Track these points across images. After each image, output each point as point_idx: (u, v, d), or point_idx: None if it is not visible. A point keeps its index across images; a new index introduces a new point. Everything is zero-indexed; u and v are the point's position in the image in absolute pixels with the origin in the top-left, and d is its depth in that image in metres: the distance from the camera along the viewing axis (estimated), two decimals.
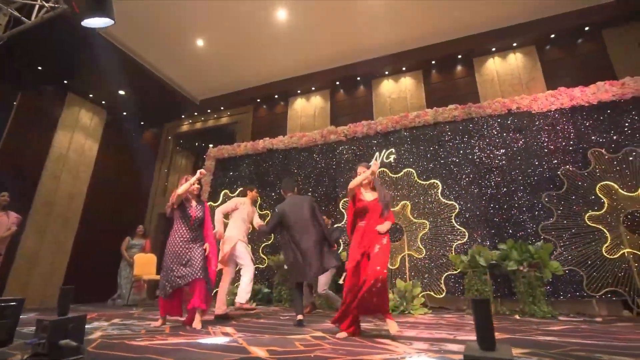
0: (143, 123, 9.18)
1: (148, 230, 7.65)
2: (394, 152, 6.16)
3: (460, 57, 6.86)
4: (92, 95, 7.99)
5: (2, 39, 3.06)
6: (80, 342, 1.81)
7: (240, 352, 2.03)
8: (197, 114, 9.21)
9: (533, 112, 5.48)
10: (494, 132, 5.64)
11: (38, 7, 2.92)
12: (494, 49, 6.64)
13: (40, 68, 6.97)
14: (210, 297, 3.31)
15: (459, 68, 6.98)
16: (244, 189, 4.20)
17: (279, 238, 3.82)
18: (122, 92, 8.02)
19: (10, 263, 6.03)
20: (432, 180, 5.63)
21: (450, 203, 5.40)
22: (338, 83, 7.79)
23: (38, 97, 7.11)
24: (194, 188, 3.40)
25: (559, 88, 5.45)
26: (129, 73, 7.49)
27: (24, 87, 6.87)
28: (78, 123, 7.82)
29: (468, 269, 4.74)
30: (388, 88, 7.35)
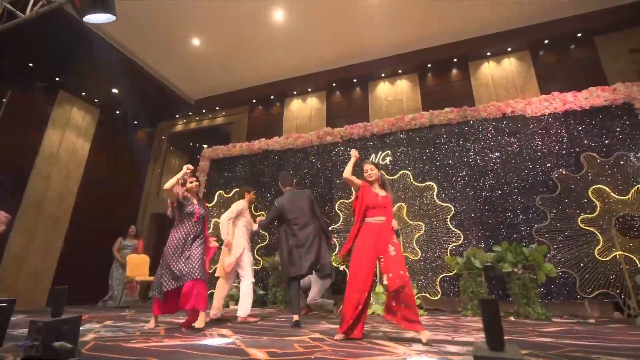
0: (136, 122, 9.05)
1: (140, 231, 7.53)
2: (390, 154, 6.18)
3: (456, 60, 6.93)
4: (84, 94, 7.85)
5: None
6: (75, 344, 1.76)
7: (240, 354, 2.00)
8: (191, 114, 9.12)
9: (527, 116, 5.56)
10: (489, 135, 5.71)
11: (33, 0, 2.85)
12: (489, 53, 6.72)
13: (32, 65, 6.83)
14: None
15: (455, 71, 7.04)
16: (242, 191, 4.08)
17: (276, 234, 3.77)
18: (115, 90, 7.91)
19: None
20: (427, 183, 5.66)
21: (446, 205, 5.44)
22: (334, 85, 7.80)
23: (29, 94, 6.96)
24: (193, 185, 3.36)
25: (553, 93, 5.54)
26: (123, 71, 7.38)
27: (14, 84, 6.72)
28: (70, 121, 7.66)
29: (463, 271, 4.77)
30: (384, 90, 7.39)
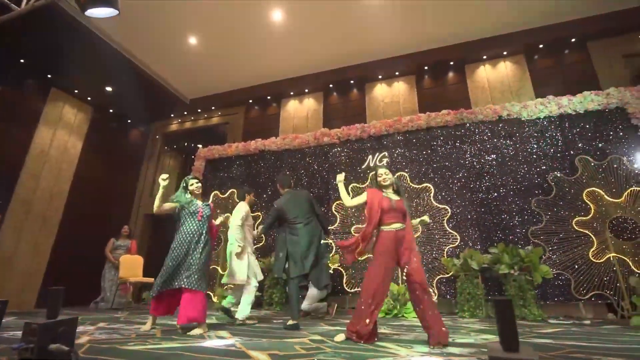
0: (130, 121, 8.92)
1: (133, 232, 7.40)
2: (387, 155, 6.19)
3: (453, 63, 6.98)
4: (77, 91, 7.70)
5: None
6: (72, 346, 1.70)
7: (241, 356, 1.96)
8: (186, 114, 9.02)
9: (523, 119, 5.62)
10: (485, 137, 5.75)
11: None
12: (485, 57, 6.79)
13: (23, 61, 6.68)
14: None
15: (451, 74, 7.10)
16: (242, 193, 3.98)
17: (273, 235, 3.74)
18: (109, 88, 7.78)
19: None
20: (424, 184, 5.68)
21: (443, 207, 5.46)
22: (331, 86, 7.79)
23: (19, 91, 6.81)
24: (194, 188, 3.30)
25: (548, 96, 5.61)
26: (117, 69, 7.26)
27: (5, 80, 6.55)
28: (61, 119, 7.52)
29: (460, 273, 4.78)
30: (381, 92, 7.41)
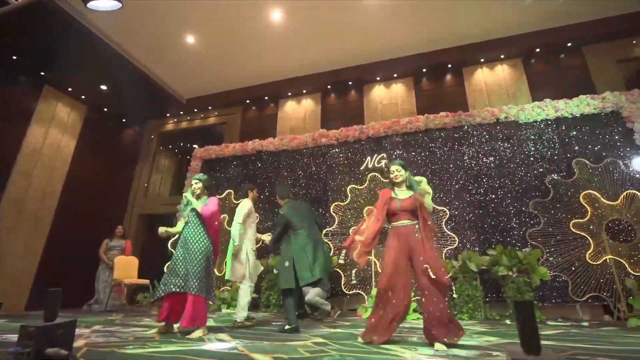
0: (125, 120, 8.81)
1: (127, 232, 7.28)
2: (385, 157, 6.18)
3: (451, 66, 7.02)
4: (71, 89, 7.58)
5: None
6: (70, 350, 1.65)
7: None
8: (183, 113, 8.93)
9: (520, 121, 5.67)
10: (483, 140, 5.78)
11: None
12: (483, 60, 6.84)
13: (16, 57, 6.54)
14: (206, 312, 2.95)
15: (449, 77, 7.14)
16: (245, 189, 3.92)
17: (281, 244, 3.69)
18: (104, 87, 7.67)
19: None
20: None
21: (441, 209, 5.46)
22: (329, 87, 7.78)
23: (11, 88, 6.67)
24: (195, 188, 3.22)
25: (545, 100, 5.66)
26: (113, 67, 7.17)
27: None
28: (54, 117, 7.39)
29: (459, 274, 4.78)
30: (379, 93, 7.41)
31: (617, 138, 5.15)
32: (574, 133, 5.41)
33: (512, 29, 6.47)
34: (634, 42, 6.16)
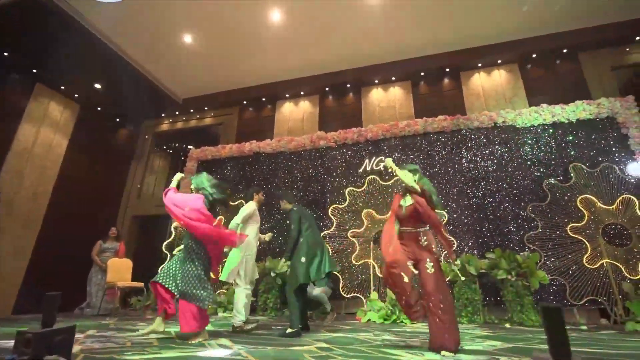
0: (119, 120, 8.66)
1: (120, 234, 7.12)
2: (384, 159, 6.16)
3: (448, 70, 7.06)
4: (63, 88, 7.41)
5: None
6: (69, 357, 1.57)
7: None
8: (178, 113, 8.82)
9: (518, 126, 5.71)
10: (481, 143, 5.81)
11: None
12: (480, 65, 6.90)
13: (7, 54, 6.39)
14: (195, 316, 2.73)
15: (447, 81, 7.18)
16: (251, 192, 3.84)
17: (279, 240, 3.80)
18: (98, 85, 7.54)
19: None
20: None
21: (439, 212, 5.46)
22: (327, 89, 7.76)
23: (2, 86, 6.50)
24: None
25: (542, 105, 5.72)
26: (107, 65, 7.06)
27: None
28: (46, 116, 7.22)
29: (457, 278, 4.77)
30: (377, 96, 7.42)
31: (612, 143, 5.22)
32: (570, 138, 5.47)
33: (509, 35, 6.54)
34: (628, 49, 6.27)
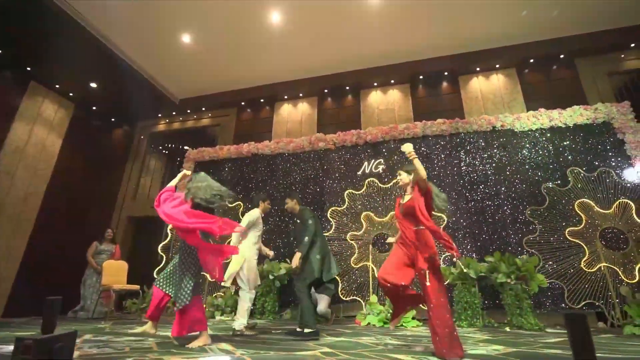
0: (114, 120, 8.54)
1: (115, 235, 7.01)
2: (383, 162, 6.17)
3: (447, 74, 7.10)
4: (58, 86, 7.30)
5: None
6: None
7: None
8: (175, 114, 8.73)
9: (516, 130, 5.75)
10: (480, 147, 5.84)
11: None
12: (478, 69, 6.95)
13: (0, 51, 6.26)
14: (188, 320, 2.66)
15: (445, 84, 7.21)
16: (257, 199, 3.82)
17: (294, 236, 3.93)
18: (93, 84, 7.42)
19: None
20: None
21: (438, 215, 5.45)
22: (326, 91, 7.75)
23: None
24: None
25: (540, 109, 5.77)
26: (103, 64, 6.97)
27: None
28: (40, 115, 7.09)
29: (457, 281, 4.76)
30: (376, 99, 7.42)
31: (609, 148, 5.28)
32: (567, 142, 5.52)
33: (506, 40, 6.60)
34: (623, 55, 6.37)
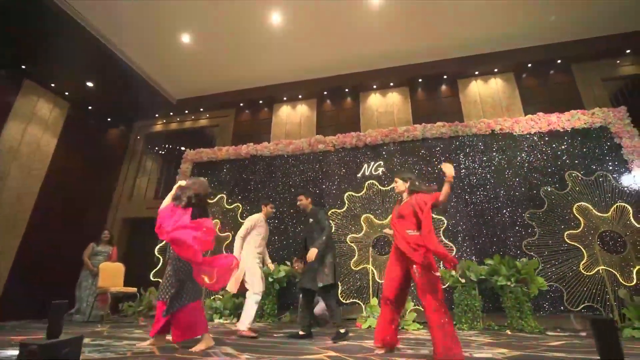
0: (110, 120, 8.44)
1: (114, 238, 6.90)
2: (383, 164, 6.17)
3: (446, 77, 7.15)
4: (53, 85, 7.19)
5: None
6: None
7: None
8: (172, 114, 8.65)
9: (515, 134, 5.79)
10: (479, 150, 5.87)
11: None
12: (477, 73, 7.01)
13: None
14: (185, 324, 2.61)
15: (444, 87, 7.26)
16: (260, 204, 3.92)
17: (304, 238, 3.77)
18: (89, 83, 7.33)
19: None
20: None
21: (438, 217, 5.47)
22: (326, 93, 7.74)
23: None
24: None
25: (538, 113, 5.82)
26: (99, 63, 6.89)
27: None
28: (35, 114, 6.97)
29: (457, 284, 4.77)
30: (375, 101, 7.44)
31: (606, 152, 5.34)
32: (565, 146, 5.58)
33: (505, 44, 6.67)
34: (618, 62, 6.47)
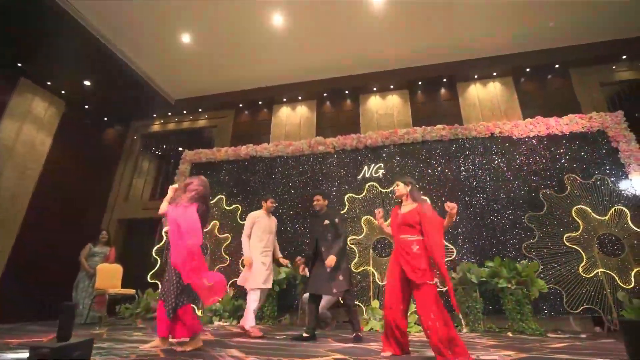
0: (107, 119, 8.33)
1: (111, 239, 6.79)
2: (383, 167, 6.18)
3: (445, 80, 7.20)
4: (49, 83, 7.08)
5: None
6: None
7: None
8: (170, 115, 8.58)
9: (514, 137, 5.85)
10: (478, 153, 5.91)
11: None
12: (476, 76, 7.07)
13: None
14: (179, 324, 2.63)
15: (444, 90, 7.31)
16: (260, 200, 3.97)
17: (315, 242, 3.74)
18: (86, 82, 7.23)
19: None
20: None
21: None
22: (325, 94, 7.75)
23: None
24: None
25: (537, 117, 5.88)
26: (97, 61, 6.80)
27: None
28: (30, 113, 6.85)
29: (458, 286, 4.78)
30: (375, 104, 7.46)
31: (604, 156, 5.41)
32: (563, 150, 5.64)
33: (504, 48, 6.74)
34: (614, 67, 6.58)
